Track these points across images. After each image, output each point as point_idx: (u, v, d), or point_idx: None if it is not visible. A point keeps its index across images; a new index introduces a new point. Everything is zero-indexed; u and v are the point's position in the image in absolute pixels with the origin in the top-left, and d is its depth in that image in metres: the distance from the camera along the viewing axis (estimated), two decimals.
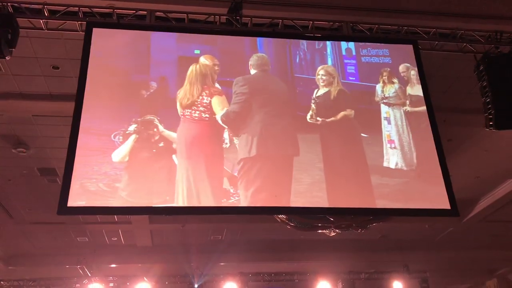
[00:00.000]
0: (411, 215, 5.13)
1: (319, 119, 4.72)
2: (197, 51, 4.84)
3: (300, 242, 10.64)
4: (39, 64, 5.69)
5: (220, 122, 4.47)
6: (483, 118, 5.17)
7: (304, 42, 5.16)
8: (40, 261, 10.74)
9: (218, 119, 4.48)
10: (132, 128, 4.32)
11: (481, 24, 5.35)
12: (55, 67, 5.75)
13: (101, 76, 4.53)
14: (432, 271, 11.11)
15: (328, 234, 6.79)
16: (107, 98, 4.44)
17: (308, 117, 4.72)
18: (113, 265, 10.94)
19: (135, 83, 4.61)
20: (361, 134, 4.74)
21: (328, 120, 4.72)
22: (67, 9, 4.68)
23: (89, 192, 3.95)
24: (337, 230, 6.54)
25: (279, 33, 5.12)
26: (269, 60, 4.91)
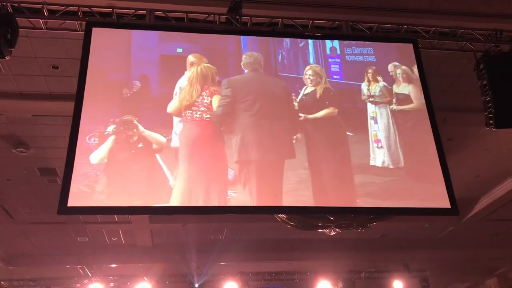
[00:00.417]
0: (411, 214, 5.10)
1: (301, 115, 4.68)
2: (180, 50, 4.81)
3: (301, 242, 10.64)
4: (39, 64, 5.68)
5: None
6: (483, 117, 5.17)
7: (288, 41, 5.10)
8: (40, 261, 10.73)
9: None
10: (111, 129, 4.22)
11: (481, 23, 5.35)
12: (55, 67, 5.75)
13: (94, 76, 4.48)
14: (432, 270, 11.11)
15: (329, 234, 6.80)
16: (92, 99, 4.36)
17: (294, 115, 4.69)
18: (113, 265, 10.93)
19: (116, 83, 4.52)
20: (347, 133, 4.71)
21: (311, 117, 4.68)
22: (67, 9, 4.68)
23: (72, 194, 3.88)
24: (337, 230, 6.55)
25: (279, 32, 5.10)
26: (262, 58, 4.83)
